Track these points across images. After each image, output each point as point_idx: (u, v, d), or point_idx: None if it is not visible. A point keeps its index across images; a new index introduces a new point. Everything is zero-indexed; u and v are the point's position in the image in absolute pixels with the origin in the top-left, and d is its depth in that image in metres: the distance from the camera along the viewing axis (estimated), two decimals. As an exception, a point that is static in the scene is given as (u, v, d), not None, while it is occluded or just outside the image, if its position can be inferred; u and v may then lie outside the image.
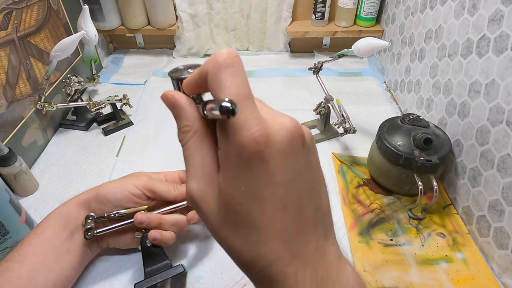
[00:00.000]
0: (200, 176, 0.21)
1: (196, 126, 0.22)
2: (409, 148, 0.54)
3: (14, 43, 0.62)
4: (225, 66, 0.20)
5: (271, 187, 0.20)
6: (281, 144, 0.20)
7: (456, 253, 0.51)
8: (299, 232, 0.21)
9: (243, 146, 0.19)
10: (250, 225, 0.20)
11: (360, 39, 0.63)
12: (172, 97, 0.23)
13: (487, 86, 0.51)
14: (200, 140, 0.22)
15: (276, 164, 0.19)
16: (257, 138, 0.19)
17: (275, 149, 0.19)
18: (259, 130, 0.19)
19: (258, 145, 0.19)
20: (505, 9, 0.47)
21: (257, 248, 0.20)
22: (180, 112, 0.23)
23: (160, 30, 0.97)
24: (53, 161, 0.68)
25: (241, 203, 0.20)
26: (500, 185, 0.47)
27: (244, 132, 0.19)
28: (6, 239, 0.47)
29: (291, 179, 0.20)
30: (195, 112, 0.22)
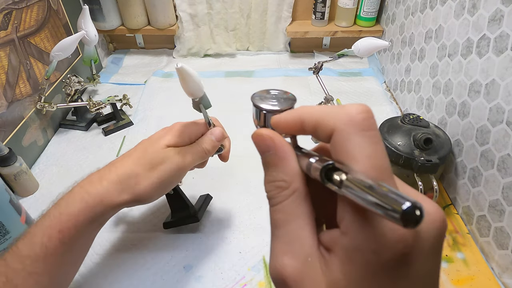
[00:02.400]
0: (297, 252, 0.16)
1: (296, 185, 0.17)
2: (409, 148, 0.54)
3: (14, 43, 0.62)
4: (364, 129, 0.16)
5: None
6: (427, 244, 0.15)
7: (456, 253, 0.51)
8: None
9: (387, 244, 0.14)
10: None
11: (360, 39, 0.63)
12: (270, 140, 0.18)
13: (487, 86, 0.51)
14: (299, 203, 0.17)
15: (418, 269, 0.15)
16: (406, 236, 0.14)
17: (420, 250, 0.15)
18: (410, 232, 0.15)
19: (406, 246, 0.14)
20: (505, 9, 0.47)
21: None
22: (279, 162, 0.18)
23: (160, 30, 0.97)
24: (53, 161, 0.68)
25: None
26: (500, 185, 0.47)
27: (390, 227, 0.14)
28: (6, 239, 0.47)
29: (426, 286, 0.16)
30: (297, 166, 0.18)
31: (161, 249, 0.52)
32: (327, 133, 0.17)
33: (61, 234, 0.35)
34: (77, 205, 0.37)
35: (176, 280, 0.48)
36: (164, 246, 0.52)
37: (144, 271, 0.49)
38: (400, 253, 0.14)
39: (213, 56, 1.04)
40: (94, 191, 0.37)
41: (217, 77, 0.94)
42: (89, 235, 0.39)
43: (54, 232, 0.35)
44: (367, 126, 0.16)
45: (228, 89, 0.88)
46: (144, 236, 0.53)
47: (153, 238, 0.53)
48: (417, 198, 0.16)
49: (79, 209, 0.36)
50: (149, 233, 0.53)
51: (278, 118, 0.19)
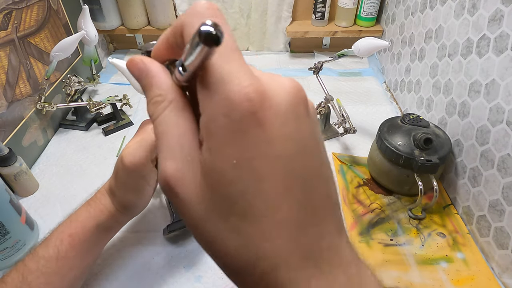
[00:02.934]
0: (178, 155, 0.17)
1: (171, 96, 0.18)
2: (409, 148, 0.54)
3: (14, 43, 0.62)
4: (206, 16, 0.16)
5: (270, 160, 0.15)
6: (280, 106, 0.16)
7: (456, 253, 0.51)
8: (309, 224, 0.16)
9: (232, 103, 0.15)
10: (245, 212, 0.15)
11: (360, 39, 0.63)
12: (140, 62, 0.18)
13: (487, 86, 0.51)
14: (177, 113, 0.17)
15: (274, 130, 0.15)
16: (250, 94, 0.15)
17: (273, 112, 0.15)
18: (252, 84, 0.15)
19: (252, 103, 0.15)
20: (505, 9, 0.47)
21: (256, 244, 0.15)
22: (151, 80, 0.18)
23: (160, 30, 0.97)
24: (53, 161, 0.68)
25: (232, 181, 0.15)
26: (500, 185, 0.47)
27: (233, 86, 0.15)
28: (6, 239, 0.47)
29: (294, 152, 0.16)
30: (170, 80, 0.18)
31: (161, 249, 0.52)
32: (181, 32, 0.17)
33: (71, 237, 0.39)
34: (83, 214, 0.41)
35: (176, 280, 0.48)
36: (164, 246, 0.52)
37: (144, 271, 0.49)
38: (248, 112, 0.15)
39: (213, 56, 1.04)
40: (93, 203, 0.42)
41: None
42: (98, 242, 0.43)
43: (65, 236, 0.39)
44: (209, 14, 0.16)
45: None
46: (144, 236, 0.53)
47: (153, 238, 0.53)
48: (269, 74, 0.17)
49: (84, 218, 0.41)
50: (149, 233, 0.53)
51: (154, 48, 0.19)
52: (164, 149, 0.17)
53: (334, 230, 0.17)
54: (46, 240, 0.40)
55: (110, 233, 0.44)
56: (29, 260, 0.38)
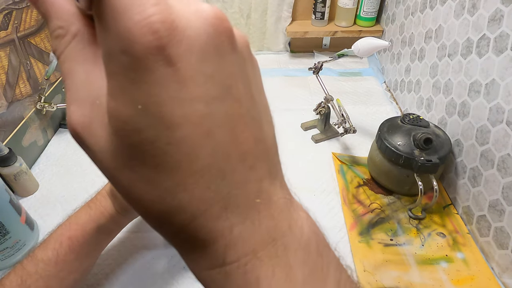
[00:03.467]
0: (84, 97, 0.15)
1: (75, 28, 0.15)
2: (409, 148, 0.54)
3: (14, 43, 0.62)
4: None
5: (184, 104, 0.13)
6: (196, 41, 0.13)
7: (456, 253, 0.51)
8: (232, 171, 0.14)
9: (131, 36, 0.12)
10: (157, 162, 0.14)
11: (360, 39, 0.63)
12: None
13: (487, 86, 0.51)
14: (83, 47, 0.15)
15: (189, 69, 0.13)
16: (154, 25, 0.12)
17: (186, 47, 0.13)
18: (158, 12, 0.12)
19: (157, 37, 0.12)
20: (505, 9, 0.47)
21: (172, 196, 0.14)
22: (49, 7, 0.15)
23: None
24: (53, 161, 0.68)
25: (138, 130, 0.13)
26: (500, 185, 0.47)
27: (133, 15, 0.12)
28: (6, 239, 0.47)
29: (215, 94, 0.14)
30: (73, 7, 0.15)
31: (161, 249, 0.52)
32: None
33: (70, 240, 0.39)
34: (83, 217, 0.41)
35: (176, 280, 0.48)
36: (164, 246, 0.52)
37: (145, 271, 0.49)
38: (152, 46, 0.12)
39: (213, 56, 1.04)
40: (93, 205, 0.42)
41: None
42: (97, 245, 0.42)
43: (65, 239, 0.39)
44: None
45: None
46: (144, 236, 0.53)
47: (153, 238, 0.53)
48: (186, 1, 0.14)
49: (85, 220, 0.40)
50: (149, 233, 0.53)
51: None
52: (71, 91, 0.15)
53: (265, 176, 0.16)
54: (44, 242, 0.39)
55: (110, 236, 0.44)
56: (27, 263, 0.38)
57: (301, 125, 0.76)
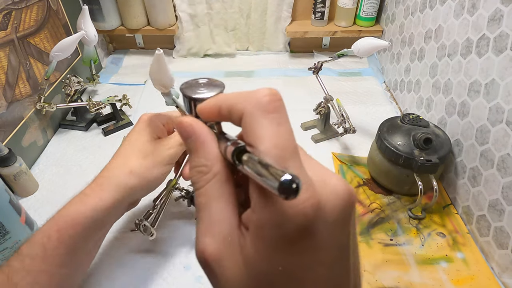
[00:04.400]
0: (217, 232, 0.17)
1: (216, 168, 0.18)
2: (409, 148, 0.54)
3: (14, 44, 0.62)
4: (269, 111, 0.16)
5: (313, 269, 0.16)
6: (331, 215, 0.16)
7: (456, 252, 0.51)
8: None
9: (287, 216, 0.15)
10: None
11: (360, 39, 0.63)
12: (190, 127, 0.19)
13: (486, 85, 0.51)
14: (220, 186, 0.18)
15: (323, 239, 0.16)
16: (306, 209, 0.15)
17: (324, 222, 0.16)
18: (309, 198, 0.15)
19: (307, 219, 0.15)
20: (505, 8, 0.47)
21: None
22: (199, 147, 0.18)
23: (160, 30, 0.97)
24: (53, 161, 0.68)
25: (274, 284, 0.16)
26: (500, 184, 0.47)
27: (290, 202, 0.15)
28: (6, 240, 0.47)
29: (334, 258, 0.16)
30: (217, 150, 0.18)
31: (161, 249, 0.52)
32: (239, 116, 0.17)
33: (59, 233, 0.36)
34: (75, 205, 0.38)
35: (176, 280, 0.48)
36: (164, 246, 0.52)
37: (145, 271, 0.49)
38: (301, 225, 0.15)
39: (213, 56, 1.04)
40: (90, 191, 0.39)
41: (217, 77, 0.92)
42: (89, 238, 0.39)
43: (53, 232, 0.36)
44: (272, 108, 0.17)
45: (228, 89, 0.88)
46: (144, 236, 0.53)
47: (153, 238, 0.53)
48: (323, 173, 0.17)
49: (77, 209, 0.38)
50: (149, 233, 0.53)
51: (200, 106, 0.19)
52: (205, 222, 0.17)
53: None
54: (31, 238, 0.37)
55: (102, 229, 0.41)
56: (13, 260, 0.36)
57: (301, 125, 0.76)
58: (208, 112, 0.19)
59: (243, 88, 0.75)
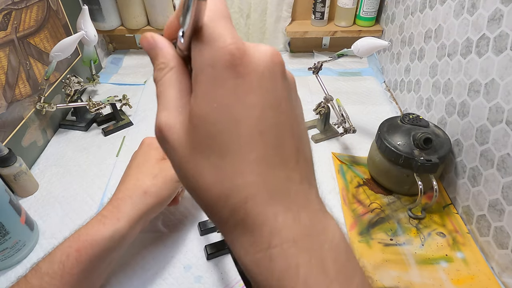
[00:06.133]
0: (171, 107, 0.20)
1: (172, 63, 0.21)
2: (409, 148, 0.54)
3: (14, 44, 0.62)
4: None
5: (246, 107, 0.18)
6: (259, 66, 0.18)
7: (456, 252, 0.51)
8: (278, 166, 0.18)
9: (216, 56, 0.18)
10: (223, 150, 0.18)
11: (360, 39, 0.63)
12: (151, 38, 0.21)
13: (486, 85, 0.51)
14: (176, 77, 0.20)
15: (252, 84, 0.18)
16: (232, 51, 0.17)
17: (252, 68, 0.18)
18: (235, 43, 0.18)
19: (233, 58, 0.17)
20: (505, 8, 0.47)
21: (230, 179, 0.18)
22: (157, 52, 0.21)
23: (160, 30, 0.97)
24: (53, 161, 0.68)
25: (212, 123, 0.18)
26: (500, 184, 0.47)
27: (219, 43, 0.18)
28: (6, 240, 0.47)
29: (269, 104, 0.18)
30: (174, 52, 0.21)
31: (161, 250, 0.52)
32: None
33: (78, 252, 0.38)
34: (94, 226, 0.40)
35: (176, 280, 0.48)
36: (164, 246, 0.52)
37: (145, 271, 0.49)
38: (230, 63, 0.17)
39: (213, 56, 1.04)
40: (108, 213, 0.41)
41: (216, 77, 0.93)
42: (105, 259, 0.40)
43: (72, 251, 0.38)
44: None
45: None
46: (144, 236, 0.53)
47: (153, 238, 0.53)
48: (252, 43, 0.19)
49: (96, 229, 0.39)
50: (149, 233, 0.53)
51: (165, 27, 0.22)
52: (162, 103, 0.20)
53: (304, 181, 0.19)
54: (50, 255, 0.38)
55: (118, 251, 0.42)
56: (32, 276, 0.37)
57: (301, 125, 0.76)
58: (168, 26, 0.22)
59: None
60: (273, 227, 0.17)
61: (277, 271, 0.17)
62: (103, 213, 0.41)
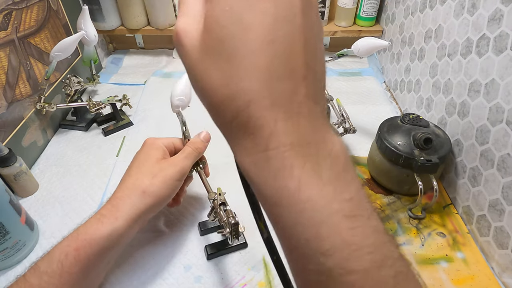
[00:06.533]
0: (191, 14, 0.20)
1: None
2: (409, 148, 0.54)
3: (14, 44, 0.62)
4: None
5: (258, 13, 0.18)
6: None
7: (456, 252, 0.51)
8: (284, 77, 0.19)
9: None
10: (231, 54, 0.18)
11: (360, 39, 0.63)
12: None
13: (487, 85, 0.51)
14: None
15: None
16: None
17: None
18: None
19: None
20: (505, 8, 0.47)
21: (235, 83, 0.18)
22: None
23: (160, 30, 0.97)
24: (53, 161, 0.68)
25: (224, 26, 0.18)
26: (500, 184, 0.47)
27: None
28: (6, 240, 0.47)
29: (283, 15, 0.18)
30: None
31: (161, 249, 0.52)
32: None
33: (76, 251, 0.38)
34: (93, 225, 0.40)
35: (176, 280, 0.48)
36: (164, 246, 0.52)
37: (145, 271, 0.49)
38: None
39: (213, 56, 1.04)
40: (107, 212, 0.41)
41: (217, 77, 0.94)
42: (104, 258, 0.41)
43: (71, 250, 0.38)
44: None
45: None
46: (144, 236, 0.53)
47: (153, 238, 0.53)
48: None
49: (95, 228, 0.40)
50: (149, 233, 0.53)
51: None
52: (182, 11, 0.21)
53: (310, 96, 0.19)
54: (48, 254, 0.38)
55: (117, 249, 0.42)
56: (30, 275, 0.37)
57: (301, 125, 0.76)
58: None
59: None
60: (272, 131, 0.18)
61: (272, 170, 0.19)
62: (101, 212, 0.42)
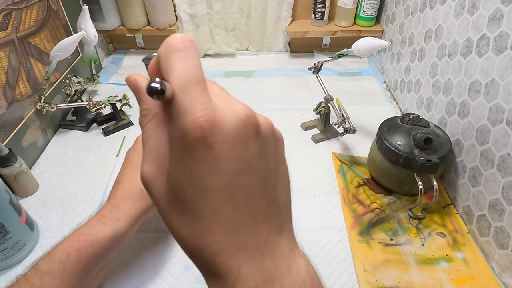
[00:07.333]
0: (153, 159, 0.21)
1: (155, 110, 0.21)
2: (409, 148, 0.54)
3: (14, 44, 0.62)
4: (176, 50, 0.20)
5: (215, 175, 0.19)
6: (229, 132, 0.19)
7: (456, 252, 0.51)
8: (246, 225, 0.20)
9: (185, 130, 0.18)
10: (194, 213, 0.20)
11: (360, 39, 0.63)
12: (134, 81, 0.23)
13: (487, 85, 0.51)
14: (158, 125, 0.21)
15: (221, 152, 0.19)
16: (201, 123, 0.18)
17: (221, 137, 0.19)
18: (205, 115, 0.18)
19: (202, 131, 0.18)
20: (505, 8, 0.47)
21: (201, 237, 0.20)
22: (141, 96, 0.22)
23: (160, 30, 0.97)
24: (53, 161, 0.68)
25: (185, 189, 0.19)
26: (500, 184, 0.47)
27: (188, 116, 0.18)
28: (6, 240, 0.47)
29: (238, 169, 0.19)
30: None
31: (161, 249, 0.52)
32: None
33: (78, 252, 0.38)
34: (95, 226, 0.40)
35: (176, 280, 0.48)
36: (164, 246, 0.52)
37: (145, 271, 0.49)
38: (199, 137, 0.18)
39: (213, 56, 1.04)
40: (107, 212, 0.41)
41: (217, 77, 0.94)
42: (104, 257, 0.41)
43: (73, 250, 0.38)
44: (180, 48, 0.20)
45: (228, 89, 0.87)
46: (144, 236, 0.53)
47: (153, 238, 0.53)
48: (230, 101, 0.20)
49: (97, 229, 0.40)
50: (149, 233, 0.53)
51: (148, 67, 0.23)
52: (145, 153, 0.21)
53: (274, 230, 0.21)
54: (50, 254, 0.38)
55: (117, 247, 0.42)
56: (31, 275, 0.37)
57: (301, 125, 0.76)
58: (151, 69, 0.22)
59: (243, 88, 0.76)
60: (236, 277, 0.20)
61: None
62: (102, 212, 0.41)
